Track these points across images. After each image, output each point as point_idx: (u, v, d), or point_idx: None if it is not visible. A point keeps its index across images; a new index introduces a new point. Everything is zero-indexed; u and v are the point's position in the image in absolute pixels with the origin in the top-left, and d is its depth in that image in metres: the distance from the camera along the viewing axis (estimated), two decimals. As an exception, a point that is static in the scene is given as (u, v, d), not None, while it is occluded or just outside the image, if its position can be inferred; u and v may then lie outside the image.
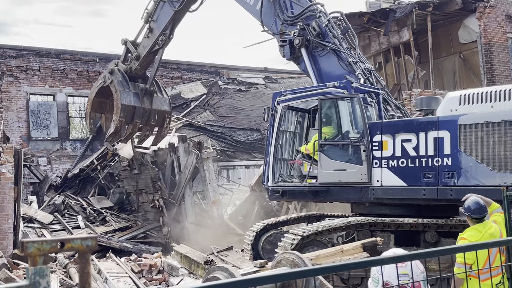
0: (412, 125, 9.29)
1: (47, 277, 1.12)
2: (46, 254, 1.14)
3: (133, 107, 15.03)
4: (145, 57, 15.09)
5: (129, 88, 15.04)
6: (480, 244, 3.41)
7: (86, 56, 25.47)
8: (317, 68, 11.70)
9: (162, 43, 14.64)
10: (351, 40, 12.04)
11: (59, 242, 1.17)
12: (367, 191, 9.55)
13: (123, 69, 15.25)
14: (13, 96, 23.32)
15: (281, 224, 11.44)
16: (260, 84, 27.29)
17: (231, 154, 22.13)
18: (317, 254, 6.50)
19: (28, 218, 16.76)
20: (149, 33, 14.76)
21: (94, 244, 1.20)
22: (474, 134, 8.38)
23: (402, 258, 2.25)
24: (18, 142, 22.96)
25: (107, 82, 15.11)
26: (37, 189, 21.42)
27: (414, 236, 9.37)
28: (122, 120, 14.83)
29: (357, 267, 1.96)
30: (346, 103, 10.04)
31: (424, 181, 8.89)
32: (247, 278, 1.97)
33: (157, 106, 15.80)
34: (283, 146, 11.25)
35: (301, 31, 11.66)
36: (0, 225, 10.75)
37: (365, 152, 9.47)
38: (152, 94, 15.57)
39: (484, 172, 8.30)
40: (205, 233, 15.50)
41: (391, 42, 20.27)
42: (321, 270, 2.02)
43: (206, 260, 9.95)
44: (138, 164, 17.83)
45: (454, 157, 8.61)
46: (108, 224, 17.33)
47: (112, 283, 9.92)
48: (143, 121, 15.53)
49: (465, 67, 19.35)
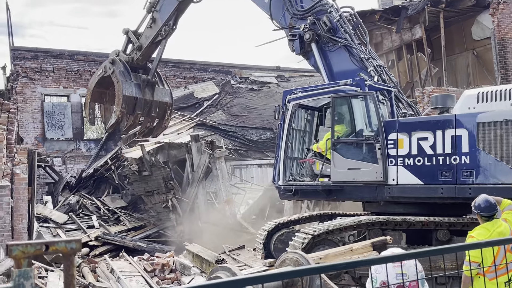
0: (429, 123, 9.25)
1: (31, 279, 1.15)
2: (30, 257, 1.17)
3: (135, 98, 14.81)
4: (147, 48, 14.84)
5: (131, 78, 14.82)
6: (483, 242, 3.39)
7: (99, 57, 25.64)
8: (327, 64, 11.57)
9: (166, 34, 14.42)
10: (362, 36, 11.93)
11: (44, 245, 1.19)
12: (383, 189, 9.50)
13: (124, 59, 15.01)
14: (28, 97, 23.58)
15: (293, 223, 11.43)
16: (272, 83, 27.30)
17: (244, 153, 22.18)
18: (326, 253, 6.52)
19: (43, 218, 16.95)
20: (152, 24, 14.53)
21: (78, 247, 1.22)
22: (493, 132, 8.34)
23: (400, 257, 2.26)
24: (33, 143, 23.21)
25: (108, 72, 14.90)
26: (52, 189, 21.64)
27: (426, 235, 9.32)
28: (124, 111, 14.66)
29: (355, 266, 1.97)
30: (359, 101, 9.96)
31: (442, 180, 8.84)
32: (244, 277, 1.98)
33: (159, 98, 15.60)
34: (294, 145, 11.21)
35: (312, 26, 11.53)
36: (14, 225, 10.89)
37: (381, 150, 9.42)
38: (153, 86, 15.35)
39: (504, 170, 8.25)
40: (218, 232, 15.55)
41: (403, 39, 20.15)
42: (319, 269, 2.03)
43: (217, 259, 10.00)
44: (149, 166, 17.92)
45: (472, 155, 8.56)
46: (122, 224, 17.46)
47: (124, 282, 10.00)
48: (144, 112, 15.37)
49: (478, 64, 19.19)
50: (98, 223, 16.94)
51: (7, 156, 11.48)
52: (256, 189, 19.31)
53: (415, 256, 2.34)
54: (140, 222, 17.68)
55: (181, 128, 21.24)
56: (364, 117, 10.02)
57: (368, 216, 9.52)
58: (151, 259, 12.10)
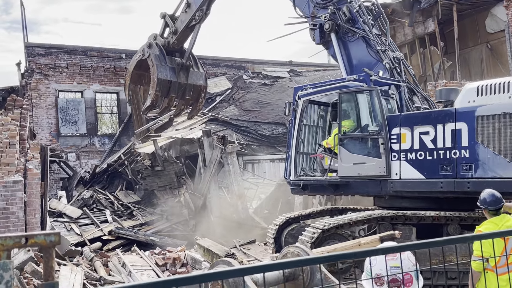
0: (430, 117, 9.19)
1: (10, 271, 1.17)
2: (10, 249, 1.19)
3: (169, 81, 15.15)
4: (182, 32, 15.21)
5: (166, 62, 15.16)
6: (484, 234, 3.37)
7: (112, 52, 25.82)
8: (347, 54, 11.61)
9: (199, 19, 14.74)
10: (383, 26, 11.90)
11: (23, 237, 1.22)
12: (386, 184, 9.50)
13: (161, 43, 15.34)
14: (42, 93, 23.81)
15: (304, 218, 11.46)
16: (285, 77, 27.25)
17: (256, 148, 22.18)
18: (334, 248, 6.52)
19: (58, 213, 17.14)
20: (187, 8, 14.87)
21: (57, 240, 1.25)
22: (491, 125, 8.25)
23: (394, 249, 2.26)
24: (48, 138, 23.46)
25: (145, 55, 15.27)
26: (66, 184, 21.86)
27: (436, 229, 9.27)
28: (158, 94, 15.00)
29: (351, 257, 1.98)
30: (365, 96, 9.96)
31: (442, 174, 8.80)
32: (240, 267, 2.00)
33: (193, 81, 15.94)
34: (306, 140, 11.28)
35: (332, 16, 11.56)
36: (27, 220, 11.03)
37: (384, 145, 9.42)
38: (188, 69, 15.70)
39: (502, 164, 8.17)
40: (230, 227, 15.60)
41: (416, 33, 19.98)
42: (316, 260, 2.03)
43: (227, 254, 10.04)
44: (162, 161, 18.02)
45: (471, 149, 8.50)
46: (135, 218, 17.58)
47: (136, 276, 10.09)
48: (178, 95, 15.72)
49: (492, 57, 18.97)
50: (112, 218, 17.08)
51: (20, 152, 11.61)
52: (269, 184, 19.31)
53: (413, 248, 2.34)
54: (153, 216, 17.79)
55: (194, 123, 21.31)
56: (369, 112, 10.05)
57: (378, 211, 9.50)
58: (163, 253, 12.18)
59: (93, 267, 11.06)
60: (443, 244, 2.43)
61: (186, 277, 1.62)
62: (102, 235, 15.39)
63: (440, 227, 9.22)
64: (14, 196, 10.79)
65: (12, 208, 10.80)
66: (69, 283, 8.99)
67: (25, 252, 9.43)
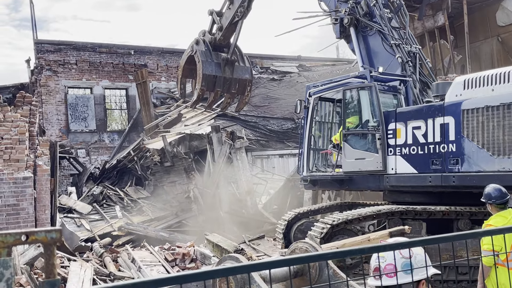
0: (421, 112, 9.20)
1: (10, 268, 1.15)
2: (10, 246, 1.17)
3: (214, 76, 15.63)
4: (227, 28, 15.63)
5: (212, 58, 15.66)
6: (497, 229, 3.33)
7: (121, 49, 25.84)
8: (367, 48, 11.74)
9: (241, 15, 15.11)
10: (403, 18, 11.93)
11: (24, 234, 1.20)
12: (383, 179, 9.59)
13: (208, 39, 15.84)
14: (51, 89, 23.90)
15: (313, 213, 11.46)
16: (293, 72, 27.16)
17: (265, 143, 22.14)
18: (343, 243, 6.48)
19: (68, 209, 17.22)
20: (230, 5, 15.30)
21: (58, 237, 1.23)
22: (476, 119, 8.21)
23: (404, 245, 2.24)
24: (58, 134, 23.56)
25: (193, 52, 15.80)
26: (76, 180, 21.96)
27: (447, 224, 9.21)
28: (204, 88, 15.56)
29: (358, 254, 1.95)
30: (366, 93, 10.05)
31: (433, 168, 8.83)
32: (249, 263, 1.97)
33: (238, 75, 16.39)
34: (318, 137, 11.48)
35: (351, 10, 11.68)
36: (37, 216, 11.08)
37: (380, 140, 9.50)
38: (233, 63, 16.15)
39: (485, 158, 8.13)
40: (239, 222, 15.61)
41: (425, 26, 19.82)
42: (323, 256, 2.00)
43: (236, 249, 10.03)
44: (171, 156, 18.05)
45: (458, 143, 8.49)
46: (145, 214, 17.63)
47: (145, 271, 10.11)
48: (224, 89, 16.17)
49: (503, 50, 18.79)
50: (121, 213, 17.14)
51: (29, 148, 11.66)
52: (278, 179, 19.29)
53: (423, 243, 2.31)
54: (163, 212, 17.83)
55: (202, 119, 21.31)
56: (370, 109, 10.11)
57: (387, 206, 9.46)
58: (172, 248, 12.20)
59: (103, 262, 11.10)
60: (454, 240, 2.39)
61: (193, 274, 1.60)
62: (112, 230, 15.44)
63: (450, 222, 9.16)
64: (24, 192, 10.85)
65: (22, 204, 10.86)
66: (79, 279, 9.02)
67: (35, 248, 9.48)
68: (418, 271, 2.52)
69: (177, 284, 1.43)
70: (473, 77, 8.61)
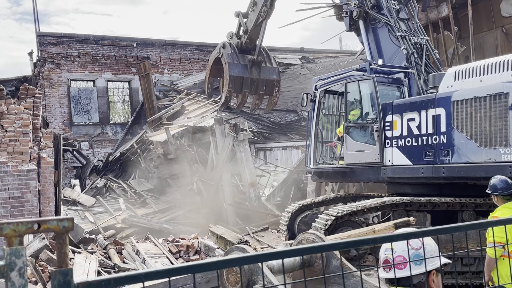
0: (415, 103, 9.26)
1: (23, 257, 1.14)
2: (22, 235, 1.16)
3: (241, 78, 15.77)
4: (252, 30, 15.83)
5: (238, 60, 15.92)
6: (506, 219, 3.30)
7: (124, 41, 25.81)
8: (376, 41, 11.84)
9: (265, 15, 15.25)
10: (412, 9, 11.98)
11: (36, 223, 1.19)
12: (380, 170, 9.67)
13: (235, 42, 16.04)
14: (54, 82, 23.90)
15: (316, 205, 11.46)
16: (296, 64, 27.08)
17: (268, 135, 22.12)
18: (348, 235, 6.47)
19: (72, 201, 17.26)
20: (254, 6, 15.47)
21: (70, 225, 1.22)
22: (464, 110, 8.27)
23: (416, 235, 2.22)
24: (61, 127, 23.57)
25: (220, 54, 16.09)
26: (80, 173, 22.00)
27: (451, 216, 9.19)
28: (231, 90, 15.93)
29: (371, 243, 1.94)
30: (366, 85, 10.12)
31: (426, 160, 8.89)
32: (256, 253, 1.96)
33: (265, 76, 16.51)
34: (325, 130, 11.63)
35: (360, 2, 11.79)
36: (42, 208, 11.09)
37: (377, 132, 9.54)
38: (260, 64, 16.26)
39: (473, 149, 8.19)
40: (242, 215, 15.62)
41: (429, 17, 19.70)
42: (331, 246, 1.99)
43: (241, 241, 10.04)
44: (174, 149, 18.05)
45: (448, 135, 8.56)
46: (149, 206, 17.66)
47: (149, 263, 10.13)
48: (251, 90, 16.29)
49: (507, 42, 18.66)
50: (125, 206, 17.16)
51: (33, 141, 11.66)
52: (281, 171, 19.28)
53: (428, 234, 2.29)
54: (166, 204, 17.84)
55: (205, 112, 21.27)
56: (369, 101, 10.16)
57: (391, 197, 9.45)
58: (176, 241, 12.22)
59: (107, 254, 11.12)
60: (467, 229, 2.38)
61: (203, 264, 1.59)
62: (115, 223, 15.47)
63: (454, 214, 9.14)
64: (28, 184, 10.86)
65: (26, 196, 10.87)
66: (83, 271, 9.04)
67: (40, 240, 9.50)
68: (429, 261, 2.50)
69: (191, 273, 1.41)
70: (463, 68, 8.65)
